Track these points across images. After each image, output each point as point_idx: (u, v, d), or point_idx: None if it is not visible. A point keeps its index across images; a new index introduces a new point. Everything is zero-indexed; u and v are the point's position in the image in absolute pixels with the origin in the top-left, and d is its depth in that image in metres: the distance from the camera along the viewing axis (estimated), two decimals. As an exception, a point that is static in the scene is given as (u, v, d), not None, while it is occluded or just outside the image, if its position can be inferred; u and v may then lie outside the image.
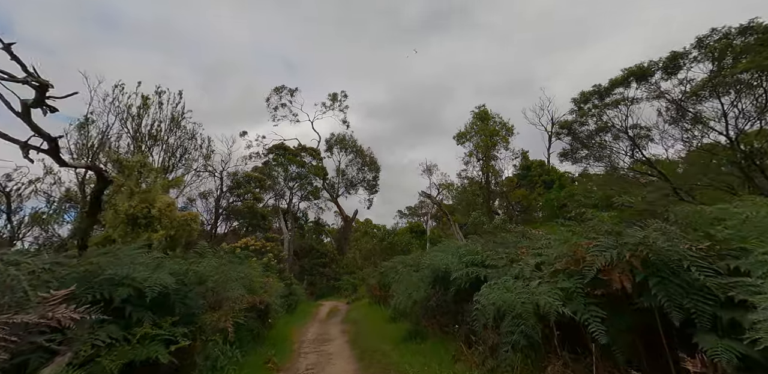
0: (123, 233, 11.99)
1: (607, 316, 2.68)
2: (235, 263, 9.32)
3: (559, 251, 3.37)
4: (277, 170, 36.70)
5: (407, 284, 7.25)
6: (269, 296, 8.57)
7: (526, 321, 2.72)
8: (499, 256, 4.37)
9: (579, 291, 2.83)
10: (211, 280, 4.41)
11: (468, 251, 5.41)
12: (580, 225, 4.41)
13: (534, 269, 3.16)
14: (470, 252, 5.33)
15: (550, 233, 4.76)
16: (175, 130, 15.22)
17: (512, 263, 4.21)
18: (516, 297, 2.73)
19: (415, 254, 12.36)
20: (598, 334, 2.62)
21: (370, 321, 11.46)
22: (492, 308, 2.81)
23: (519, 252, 4.30)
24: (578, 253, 3.00)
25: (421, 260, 10.85)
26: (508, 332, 2.90)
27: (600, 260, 2.77)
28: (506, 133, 25.10)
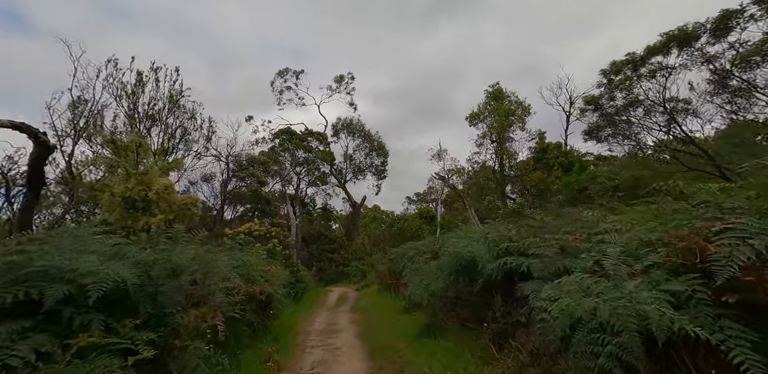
0: (120, 217, 11.35)
1: (761, 339, 1.77)
2: (234, 250, 8.62)
3: (647, 236, 2.45)
4: (284, 155, 35.92)
5: (424, 273, 6.41)
6: (271, 285, 7.85)
7: (623, 339, 1.84)
8: (545, 243, 3.47)
9: (700, 297, 1.91)
10: (189, 271, 3.61)
11: (501, 237, 4.50)
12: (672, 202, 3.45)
13: (619, 262, 2.27)
14: (504, 239, 4.41)
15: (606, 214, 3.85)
16: (174, 109, 14.35)
17: (564, 252, 3.31)
18: (604, 304, 1.86)
19: (428, 239, 11.52)
20: (752, 368, 1.68)
21: (381, 310, 10.77)
22: (565, 318, 1.95)
23: (572, 238, 3.39)
24: (691, 241, 2.07)
25: (434, 246, 10.01)
26: (586, 352, 2.01)
27: (742, 252, 1.85)
28: (522, 112, 23.69)
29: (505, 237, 4.44)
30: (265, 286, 7.18)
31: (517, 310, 4.37)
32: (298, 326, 9.30)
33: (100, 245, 3.11)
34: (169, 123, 14.24)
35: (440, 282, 5.99)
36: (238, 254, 7.61)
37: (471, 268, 5.31)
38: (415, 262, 7.94)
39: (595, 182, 17.22)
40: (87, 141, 12.93)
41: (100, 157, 12.38)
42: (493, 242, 4.66)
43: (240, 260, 7.41)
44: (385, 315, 9.93)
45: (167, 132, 14.26)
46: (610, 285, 1.99)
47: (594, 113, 14.81)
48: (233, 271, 6.88)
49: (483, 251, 4.76)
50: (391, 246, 26.77)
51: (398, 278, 13.09)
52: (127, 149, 11.88)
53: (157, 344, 3.09)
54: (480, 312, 5.80)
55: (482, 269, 4.54)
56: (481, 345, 5.26)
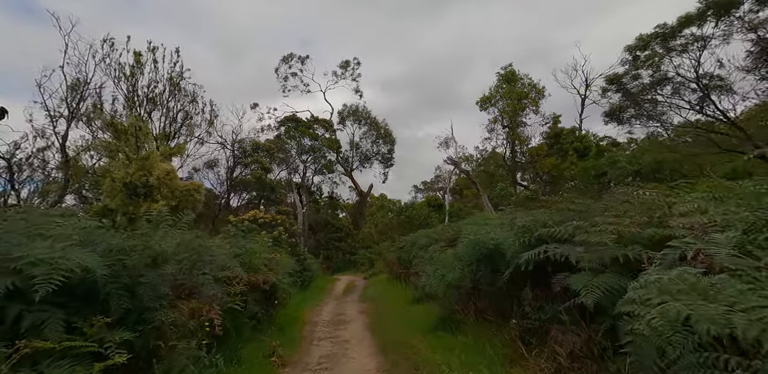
0: (121, 202, 10.99)
1: None
2: (237, 237, 8.19)
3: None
4: (290, 143, 35.40)
5: (439, 263, 5.89)
6: (276, 274, 7.42)
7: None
8: (596, 228, 2.88)
9: None
10: (175, 260, 3.12)
11: (534, 222, 3.91)
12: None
13: (737, 253, 1.71)
14: (538, 225, 3.83)
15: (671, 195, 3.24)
16: (175, 92, 13.79)
17: (621, 238, 2.72)
18: (745, 314, 1.29)
19: (440, 227, 10.98)
20: None
21: (391, 300, 10.36)
22: (671, 330, 1.40)
23: (630, 223, 2.80)
24: None
25: (449, 233, 9.49)
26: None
27: None
28: (536, 95, 22.66)
29: (539, 222, 3.84)
30: (269, 275, 6.73)
31: (550, 305, 3.83)
32: (304, 316, 8.94)
33: (64, 228, 2.62)
34: (170, 107, 13.72)
35: (457, 271, 5.46)
36: (240, 242, 7.16)
37: (495, 257, 4.77)
38: (429, 251, 7.40)
39: (615, 167, 16.41)
40: (86, 125, 12.51)
41: (100, 140, 11.95)
42: (523, 229, 4.08)
43: (242, 248, 6.96)
44: (395, 306, 9.52)
45: (168, 116, 13.75)
46: (742, 287, 1.43)
47: (616, 93, 13.87)
48: (234, 260, 6.48)
49: (510, 238, 4.19)
50: (399, 235, 26.39)
51: (408, 267, 12.65)
52: (126, 133, 11.42)
53: (136, 345, 2.61)
54: (502, 305, 5.29)
55: (511, 259, 3.98)
56: (505, 342, 4.76)
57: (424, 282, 6.21)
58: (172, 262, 3.07)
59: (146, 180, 11.24)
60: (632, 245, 2.61)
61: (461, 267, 5.47)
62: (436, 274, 6.08)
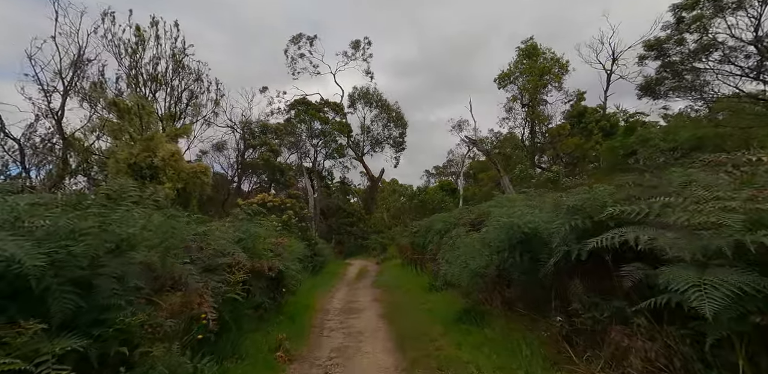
0: (125, 185, 10.61)
1: None
2: (242, 221, 7.65)
3: None
4: (300, 126, 34.70)
5: (464, 249, 5.21)
6: (283, 260, 6.89)
7: None
8: (697, 207, 2.12)
9: None
10: (144, 246, 2.51)
11: (590, 201, 3.15)
12: None
13: None
14: (596, 204, 3.07)
15: None
16: (179, 70, 13.13)
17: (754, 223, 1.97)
18: None
19: (456, 210, 10.26)
20: None
21: (406, 287, 9.82)
22: None
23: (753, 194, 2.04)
24: None
25: (469, 216, 8.77)
26: None
27: None
28: (559, 70, 21.17)
29: (597, 201, 3.08)
30: (275, 261, 6.19)
31: (609, 302, 3.12)
32: (315, 304, 8.48)
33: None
34: (174, 86, 13.10)
35: (484, 258, 4.77)
36: (244, 226, 6.61)
37: (531, 243, 4.05)
38: (452, 236, 6.72)
39: (647, 145, 15.21)
40: (89, 104, 11.99)
41: (103, 120, 11.47)
42: (573, 210, 3.33)
43: (246, 233, 6.41)
44: (410, 293, 8.98)
45: (173, 96, 13.15)
46: None
47: (655, 61, 12.51)
48: (237, 245, 5.94)
49: (556, 221, 3.45)
50: (412, 219, 25.83)
51: (423, 253, 12.07)
52: (129, 112, 10.90)
53: (91, 355, 2.03)
54: (537, 298, 4.61)
55: (558, 245, 3.26)
56: (542, 340, 4.11)
57: (445, 269, 5.55)
58: (141, 248, 2.47)
59: (151, 161, 10.79)
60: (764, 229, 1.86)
61: (489, 254, 4.77)
62: (458, 261, 5.41)
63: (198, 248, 4.34)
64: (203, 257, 4.41)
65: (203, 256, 4.44)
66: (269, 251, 6.49)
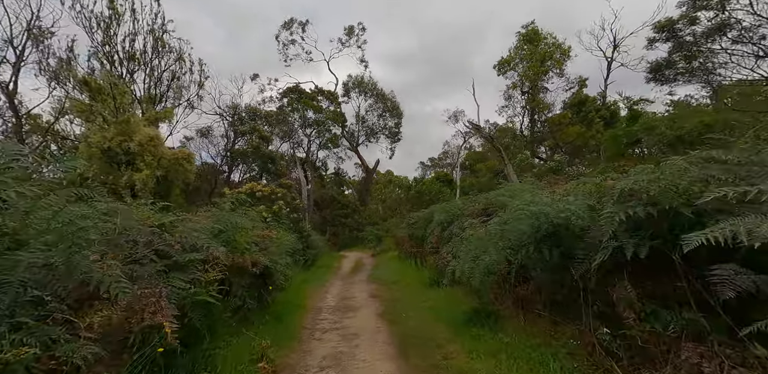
0: (99, 170, 9.73)
1: None
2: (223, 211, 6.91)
3: None
4: (293, 115, 33.63)
5: (479, 243, 4.55)
6: (270, 254, 6.19)
7: None
8: None
9: None
10: (41, 243, 1.78)
11: (661, 181, 2.46)
12: None
13: None
14: (669, 184, 2.39)
15: None
16: (158, 48, 12.06)
17: None
18: None
19: (459, 200, 9.60)
20: None
21: (404, 282, 9.22)
22: None
23: None
24: None
25: (472, 207, 8.12)
26: None
27: None
28: (561, 56, 20.40)
29: (672, 183, 2.39)
30: (260, 256, 5.48)
31: (676, 312, 2.48)
32: (306, 301, 7.84)
33: None
34: (153, 66, 12.07)
35: (500, 253, 4.12)
36: (225, 217, 5.87)
37: (563, 236, 3.39)
38: (461, 228, 6.05)
39: (653, 133, 14.64)
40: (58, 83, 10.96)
41: (71, 100, 10.49)
42: (627, 195, 2.65)
43: (227, 224, 5.68)
44: (410, 289, 8.37)
45: (152, 77, 12.12)
46: None
47: (666, 43, 11.81)
48: (217, 238, 5.23)
49: (608, 209, 2.77)
50: (408, 211, 25.21)
51: (422, 246, 11.46)
52: (102, 92, 9.95)
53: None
54: (563, 300, 3.99)
55: (608, 240, 2.59)
56: (573, 350, 3.49)
57: (453, 266, 4.90)
58: (38, 245, 1.74)
59: (127, 146, 9.91)
60: None
61: (506, 248, 4.12)
62: (468, 256, 4.76)
63: (165, 243, 3.61)
64: (171, 252, 3.69)
65: (172, 252, 3.72)
66: (254, 244, 5.78)
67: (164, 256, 3.63)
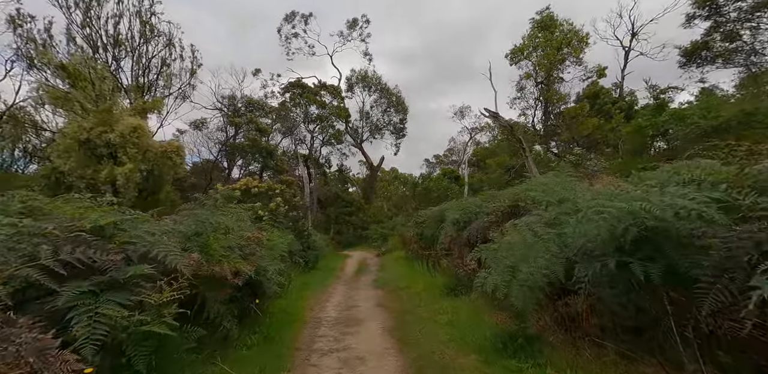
0: (76, 165, 8.80)
1: None
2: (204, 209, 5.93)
3: None
4: (295, 110, 32.67)
5: (526, 251, 3.50)
6: (259, 260, 5.21)
7: None
8: None
9: None
10: None
11: None
12: None
13: None
14: None
15: None
16: (146, 33, 11.02)
17: None
18: None
19: (482, 195, 8.53)
20: None
21: (414, 288, 8.21)
22: None
23: None
24: None
25: (497, 203, 7.05)
26: None
27: None
28: (578, 44, 19.14)
29: None
30: (243, 264, 4.49)
31: None
32: (304, 311, 6.86)
33: None
34: (141, 52, 11.06)
35: (555, 265, 3.08)
36: (203, 216, 4.89)
37: (662, 242, 2.34)
38: (501, 231, 5.00)
39: (684, 124, 13.44)
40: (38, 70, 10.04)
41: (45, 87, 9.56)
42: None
43: (206, 225, 4.71)
44: (421, 297, 7.35)
45: (140, 63, 11.12)
46: None
47: (706, 21, 10.59)
48: (189, 243, 4.26)
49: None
50: (414, 208, 24.19)
51: (432, 247, 10.45)
52: (81, 78, 9.01)
53: None
54: (634, 322, 2.95)
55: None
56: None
57: (483, 277, 3.88)
58: None
59: (107, 137, 8.96)
60: None
61: (561, 259, 3.08)
62: (501, 267, 3.72)
63: (90, 253, 2.61)
64: (106, 265, 2.70)
65: (108, 264, 2.74)
66: (238, 249, 4.79)
67: (97, 271, 2.64)
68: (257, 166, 21.04)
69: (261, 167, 20.30)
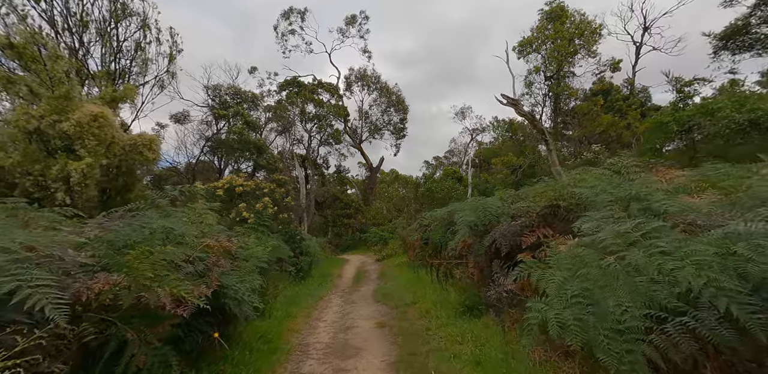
0: (23, 158, 7.53)
1: None
2: (155, 210, 4.67)
3: None
4: (292, 109, 31.50)
5: (603, 276, 2.24)
6: (226, 277, 3.95)
7: None
8: None
9: None
10: None
11: None
12: None
13: None
14: None
15: None
16: (116, 12, 9.70)
17: None
18: None
19: (502, 193, 7.26)
20: None
21: (422, 304, 6.93)
22: None
23: None
24: None
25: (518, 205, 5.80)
26: None
27: None
28: (591, 35, 17.98)
29: None
30: (189, 290, 3.21)
31: None
32: (288, 335, 5.57)
33: None
34: (111, 34, 9.75)
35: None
36: (143, 219, 3.63)
37: None
38: (553, 246, 3.74)
39: (715, 118, 12.24)
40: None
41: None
42: None
43: (145, 231, 3.45)
44: (432, 317, 6.07)
45: (110, 47, 9.79)
46: None
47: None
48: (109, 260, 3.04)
49: None
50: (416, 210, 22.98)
51: (440, 255, 9.19)
52: (25, 55, 7.73)
53: None
54: None
55: None
56: None
57: (539, 311, 2.62)
58: None
59: (61, 127, 7.69)
60: None
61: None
62: (567, 296, 2.47)
63: None
64: None
65: None
66: (191, 264, 3.53)
67: None
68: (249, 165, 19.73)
69: (254, 166, 18.98)
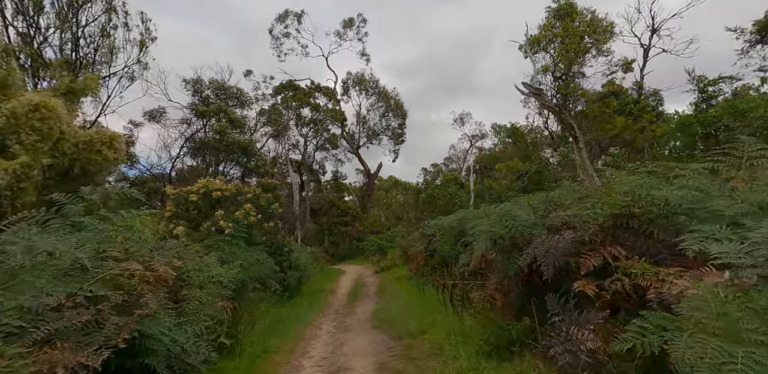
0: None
1: None
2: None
3: None
4: (287, 113, 30.37)
5: None
6: (127, 330, 2.63)
7: None
8: None
9: None
10: None
11: None
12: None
13: None
14: None
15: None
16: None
17: None
18: None
19: (525, 199, 5.89)
20: None
21: (433, 336, 5.57)
22: None
23: None
24: None
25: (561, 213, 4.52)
26: None
27: None
28: (603, 33, 17.05)
29: None
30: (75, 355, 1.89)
31: None
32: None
33: None
34: (69, 18, 8.46)
35: None
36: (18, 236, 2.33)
37: None
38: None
39: (747, 118, 11.13)
40: None
41: None
42: None
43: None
44: (447, 355, 4.71)
45: (72, 31, 8.47)
46: None
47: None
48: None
49: None
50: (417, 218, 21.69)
51: (446, 268, 7.88)
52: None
53: None
54: None
55: None
56: None
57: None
58: None
59: (-3, 120, 6.39)
60: None
61: None
62: None
63: None
64: None
65: None
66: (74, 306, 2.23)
67: None
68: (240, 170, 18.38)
69: (243, 170, 17.64)
